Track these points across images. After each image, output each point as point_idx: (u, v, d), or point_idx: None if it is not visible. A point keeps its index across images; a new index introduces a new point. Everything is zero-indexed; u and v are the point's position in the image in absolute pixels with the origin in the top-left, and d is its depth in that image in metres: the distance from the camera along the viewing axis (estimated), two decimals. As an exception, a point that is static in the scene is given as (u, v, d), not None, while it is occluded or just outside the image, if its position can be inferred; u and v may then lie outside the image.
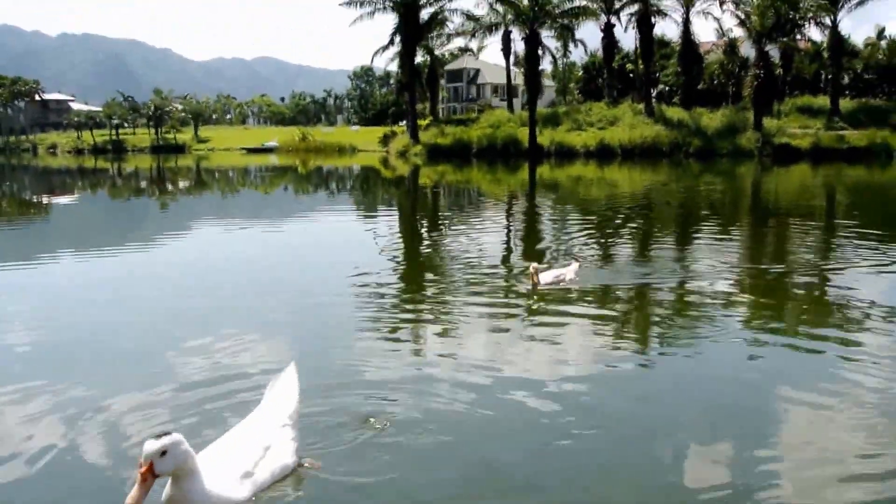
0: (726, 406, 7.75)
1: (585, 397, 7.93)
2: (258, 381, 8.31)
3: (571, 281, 10.94)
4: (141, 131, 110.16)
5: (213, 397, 7.90)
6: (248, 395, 7.70)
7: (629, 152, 51.27)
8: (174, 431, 5.15)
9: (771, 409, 7.79)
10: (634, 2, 57.66)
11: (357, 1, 56.77)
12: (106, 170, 68.03)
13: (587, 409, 7.64)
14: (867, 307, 11.75)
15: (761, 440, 7.00)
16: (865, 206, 27.94)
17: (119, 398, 7.98)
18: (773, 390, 8.26)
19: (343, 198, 35.67)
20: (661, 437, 6.98)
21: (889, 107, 53.64)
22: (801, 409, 7.60)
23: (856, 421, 7.34)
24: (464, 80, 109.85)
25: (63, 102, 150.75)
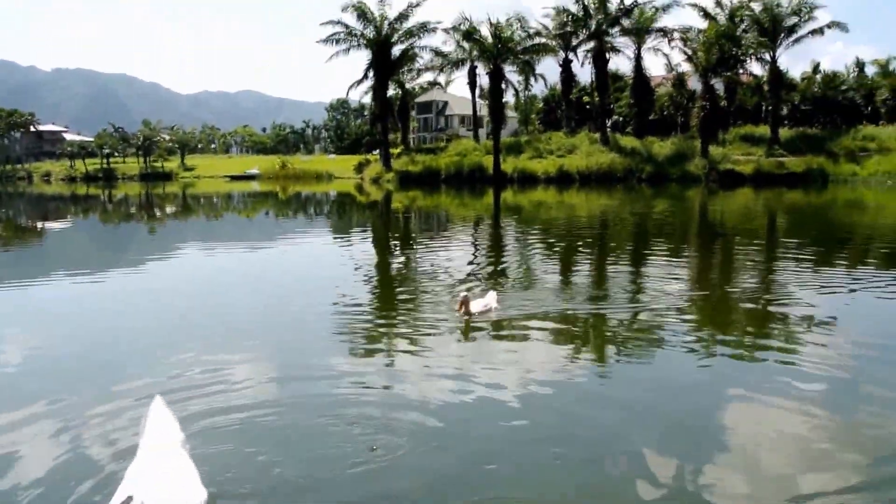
0: (677, 418, 7.70)
1: (547, 409, 7.86)
2: (242, 394, 8.28)
3: (496, 309, 9.58)
4: (130, 160, 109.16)
5: (195, 412, 7.77)
6: (231, 409, 7.62)
7: (586, 178, 51.51)
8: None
9: (718, 419, 7.72)
10: (590, 39, 58.09)
11: (333, 38, 56.91)
12: (97, 196, 67.38)
13: (550, 421, 7.52)
14: (806, 321, 11.82)
15: (709, 450, 6.93)
16: (803, 226, 28.20)
17: (104, 413, 7.76)
18: (721, 402, 8.23)
19: (321, 221, 35.50)
20: (614, 447, 6.88)
21: (824, 135, 54.32)
22: (747, 420, 7.56)
23: (798, 430, 7.31)
24: (433, 112, 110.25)
25: (57, 133, 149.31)
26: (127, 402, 8.12)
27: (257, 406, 8.00)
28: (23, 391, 8.78)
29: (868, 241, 23.17)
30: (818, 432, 7.18)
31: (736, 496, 5.93)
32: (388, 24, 57.18)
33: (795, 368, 9.16)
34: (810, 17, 52.81)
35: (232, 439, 6.86)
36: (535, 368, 9.22)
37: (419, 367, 9.43)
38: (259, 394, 8.52)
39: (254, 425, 7.36)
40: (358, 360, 9.83)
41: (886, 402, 7.97)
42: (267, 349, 10.66)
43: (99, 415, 7.82)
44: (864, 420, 7.55)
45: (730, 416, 7.78)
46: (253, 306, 13.63)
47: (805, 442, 6.99)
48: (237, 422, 7.35)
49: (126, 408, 7.93)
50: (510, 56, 56.08)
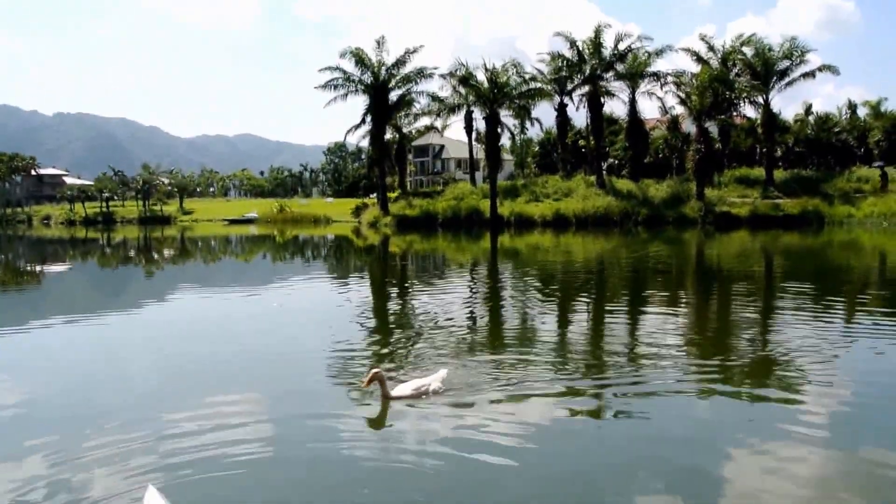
0: (677, 463, 7.65)
1: (543, 457, 7.84)
2: (235, 439, 8.15)
3: (436, 392, 7.63)
4: (129, 203, 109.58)
5: (188, 455, 7.67)
6: (222, 452, 7.48)
7: (583, 221, 51.58)
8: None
9: (720, 464, 7.67)
10: (585, 84, 58.62)
11: (332, 84, 57.32)
12: (96, 239, 67.52)
13: (545, 469, 7.48)
14: (806, 365, 11.75)
15: (710, 494, 6.89)
16: (801, 269, 28.15)
17: (99, 454, 7.77)
18: (723, 447, 8.15)
19: (318, 265, 35.39)
20: (618, 495, 6.79)
21: (818, 177, 54.64)
22: (749, 465, 7.50)
23: (802, 473, 7.19)
24: (430, 155, 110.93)
25: (57, 177, 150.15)
26: (120, 449, 8.10)
27: (250, 454, 7.92)
28: (12, 439, 8.75)
29: (866, 283, 23.14)
30: (822, 474, 7.22)
31: None
32: (386, 69, 57.68)
33: (797, 411, 9.18)
34: (802, 60, 53.46)
35: (226, 487, 6.78)
36: (531, 419, 9.16)
37: (412, 413, 9.35)
38: (253, 442, 8.44)
39: (247, 473, 7.24)
40: (352, 406, 9.77)
41: (891, 444, 7.96)
42: (262, 397, 10.61)
43: (89, 462, 7.79)
44: (868, 460, 7.55)
45: (732, 461, 7.78)
46: (249, 352, 13.60)
47: (809, 484, 6.98)
48: (230, 467, 7.25)
49: (118, 455, 7.88)
50: (506, 101, 56.49)
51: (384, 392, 7.51)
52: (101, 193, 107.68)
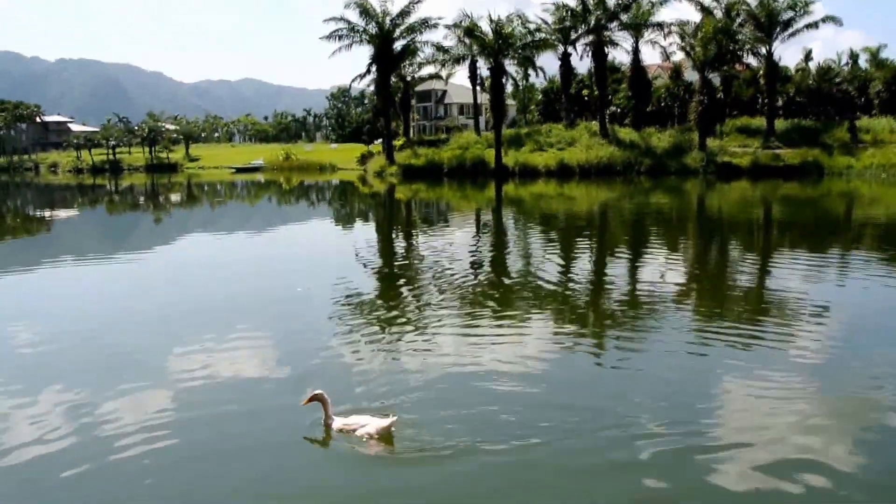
0: (676, 396, 8.20)
1: (553, 390, 8.46)
2: (248, 385, 8.85)
3: (371, 436, 6.93)
4: (136, 150, 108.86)
5: (199, 400, 8.33)
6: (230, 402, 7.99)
7: (586, 171, 51.61)
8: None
9: (714, 397, 8.38)
10: (589, 34, 57.99)
11: (336, 35, 56.63)
12: (104, 186, 67.74)
13: (556, 401, 8.09)
14: (799, 307, 12.50)
15: (706, 424, 7.45)
16: (799, 219, 28.54)
17: (110, 395, 8.44)
18: (717, 380, 8.76)
19: (327, 211, 35.74)
20: (620, 424, 7.38)
21: (818, 127, 54.37)
22: (740, 402, 8.14)
23: (793, 407, 7.87)
24: (432, 101, 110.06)
25: (62, 124, 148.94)
26: (134, 387, 8.79)
27: (263, 393, 8.57)
28: (25, 373, 9.34)
29: (860, 232, 23.56)
30: (813, 412, 7.78)
31: (734, 475, 6.42)
32: (391, 20, 56.94)
33: (789, 351, 9.92)
34: (806, 11, 52.74)
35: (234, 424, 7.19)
36: (533, 356, 9.82)
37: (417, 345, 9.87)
38: (265, 380, 9.11)
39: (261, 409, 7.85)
40: (354, 343, 10.32)
41: (876, 381, 8.63)
42: (272, 335, 11.32)
43: (95, 399, 8.40)
44: (855, 396, 8.21)
45: (727, 398, 8.47)
46: (256, 294, 14.14)
47: (799, 416, 7.56)
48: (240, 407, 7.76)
49: (130, 390, 8.63)
50: (510, 51, 55.93)
51: (326, 415, 7.24)
52: (108, 141, 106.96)
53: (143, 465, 6.72)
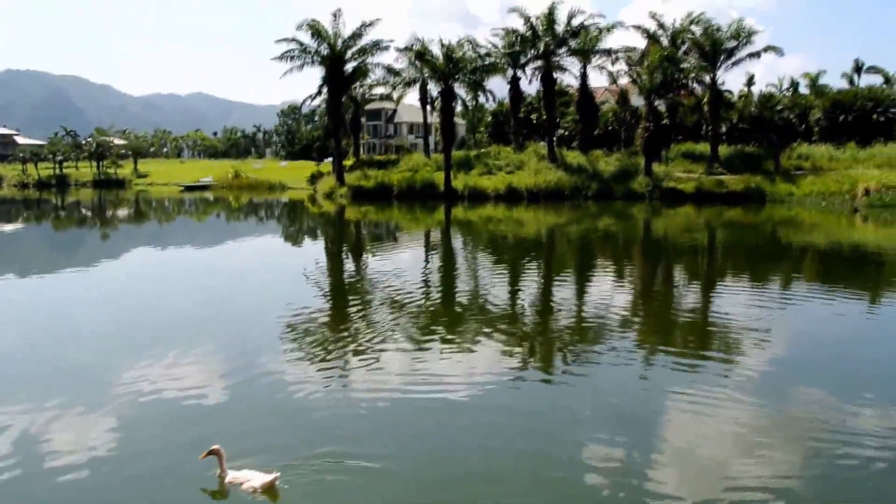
0: (621, 416, 8.23)
1: (504, 408, 8.41)
2: (186, 396, 8.93)
3: (255, 490, 6.92)
4: (83, 165, 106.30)
5: (144, 408, 8.46)
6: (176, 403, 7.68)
7: (535, 195, 51.72)
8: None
9: (661, 418, 8.50)
10: (538, 59, 58.39)
11: (288, 55, 56.18)
12: (50, 200, 66.60)
13: (503, 422, 8.16)
14: (742, 328, 12.73)
15: (649, 445, 7.60)
16: (742, 244, 28.93)
17: (49, 412, 8.40)
18: (663, 403, 8.92)
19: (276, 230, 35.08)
20: (565, 445, 7.55)
21: (760, 154, 55.29)
22: (687, 418, 8.36)
23: (735, 427, 8.10)
24: (382, 119, 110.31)
25: (8, 136, 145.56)
26: (77, 403, 8.78)
27: (206, 404, 8.71)
28: None
29: (800, 258, 24.02)
30: (753, 427, 8.05)
31: (675, 484, 6.65)
32: (342, 42, 56.79)
33: (732, 372, 10.13)
34: (749, 41, 53.74)
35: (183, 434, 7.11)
36: (482, 373, 9.90)
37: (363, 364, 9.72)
38: (206, 394, 9.12)
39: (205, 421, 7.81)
40: (295, 361, 10.22)
41: (813, 401, 9.06)
42: (214, 352, 11.36)
43: (49, 416, 8.36)
44: (794, 415, 8.52)
45: (671, 415, 8.60)
46: (203, 310, 13.90)
47: (741, 436, 7.78)
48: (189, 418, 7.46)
49: (76, 409, 8.59)
50: (461, 75, 56.03)
51: (221, 469, 7.10)
52: (55, 155, 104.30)
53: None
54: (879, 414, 8.46)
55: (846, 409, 8.61)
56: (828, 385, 9.61)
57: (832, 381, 9.79)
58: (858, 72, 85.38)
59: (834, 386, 9.54)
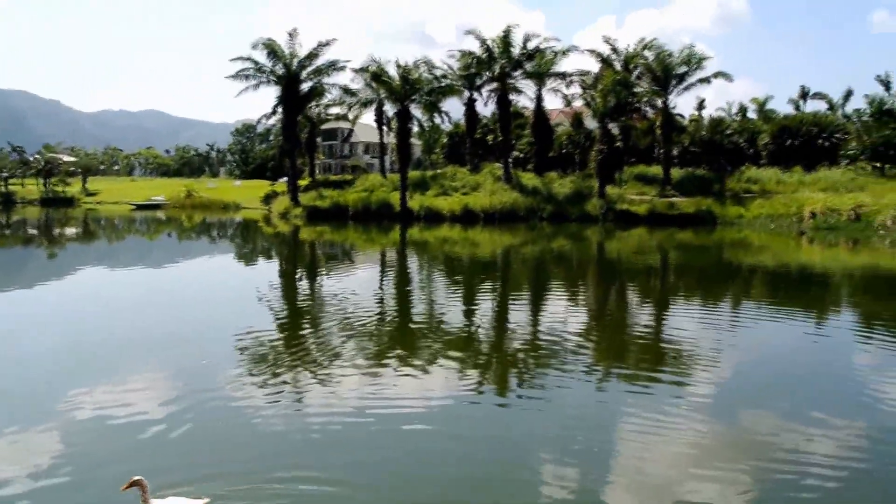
0: (576, 437, 8.33)
1: (455, 432, 8.46)
2: (129, 422, 8.75)
3: None
4: (30, 182, 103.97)
5: (81, 442, 8.15)
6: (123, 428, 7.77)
7: (490, 216, 52.04)
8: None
9: (614, 439, 8.48)
10: (494, 81, 58.97)
11: (243, 74, 55.96)
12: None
13: (458, 442, 8.28)
14: (693, 348, 12.98)
15: (604, 466, 7.69)
16: (693, 265, 29.40)
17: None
18: (616, 424, 8.99)
19: (230, 250, 34.76)
20: (520, 463, 7.67)
21: (711, 177, 56.43)
22: (637, 439, 8.35)
23: (685, 446, 8.29)
24: (338, 139, 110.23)
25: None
26: (21, 429, 8.54)
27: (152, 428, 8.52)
28: None
29: (750, 279, 24.51)
30: (705, 448, 8.23)
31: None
32: (298, 61, 56.81)
33: (685, 393, 10.26)
34: (699, 67, 54.95)
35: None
36: (437, 396, 9.92)
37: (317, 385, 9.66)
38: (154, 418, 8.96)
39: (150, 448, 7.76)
40: (246, 386, 10.09)
41: (764, 421, 9.24)
42: (162, 376, 11.11)
43: None
44: (745, 436, 8.71)
45: (625, 436, 8.70)
46: (148, 332, 13.77)
47: (693, 457, 7.93)
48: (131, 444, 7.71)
49: (19, 436, 8.31)
50: (417, 96, 56.35)
51: (145, 501, 6.70)
52: (0, 172, 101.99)
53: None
54: (828, 434, 8.65)
55: (796, 429, 8.79)
56: (778, 405, 9.80)
57: (782, 401, 9.99)
58: (804, 98, 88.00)
59: (784, 406, 9.75)
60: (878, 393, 10.62)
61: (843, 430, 8.77)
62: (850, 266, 28.79)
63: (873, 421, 9.14)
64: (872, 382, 11.28)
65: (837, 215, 42.56)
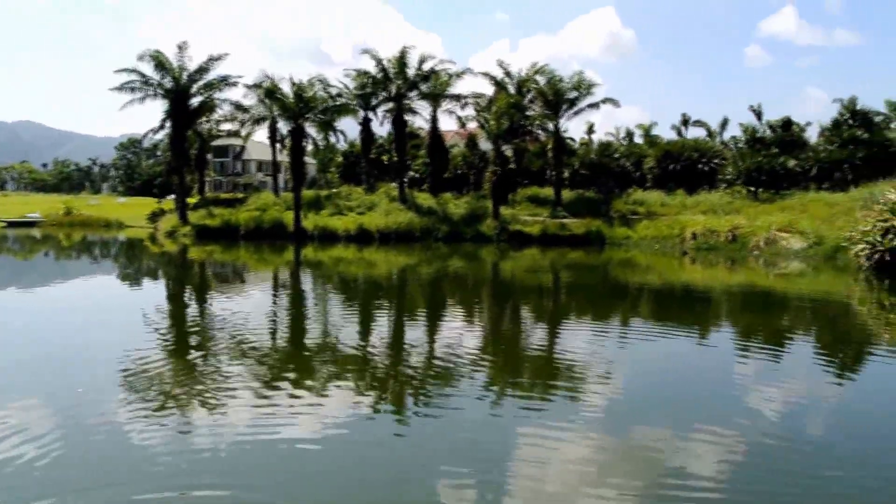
0: (473, 455, 8.55)
1: (350, 454, 8.53)
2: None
3: None
4: None
5: None
6: None
7: (386, 236, 52.19)
8: None
9: (510, 453, 8.73)
10: (389, 100, 59.38)
11: (128, 87, 54.38)
12: None
13: (354, 463, 8.23)
14: (582, 367, 13.49)
15: (501, 483, 7.83)
16: (584, 284, 30.35)
17: None
18: (512, 438, 9.25)
19: (113, 270, 33.62)
20: (417, 483, 7.72)
21: (600, 199, 58.32)
22: (532, 455, 8.65)
23: (580, 458, 8.61)
24: (230, 156, 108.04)
25: None
26: None
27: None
28: None
29: (638, 297, 25.52)
30: (597, 463, 8.53)
31: None
32: (188, 75, 55.63)
33: (578, 409, 10.65)
34: (589, 92, 56.97)
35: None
36: (333, 417, 9.94)
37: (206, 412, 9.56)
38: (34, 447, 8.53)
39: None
40: (130, 412, 9.88)
41: (652, 435, 9.61)
42: (40, 402, 10.62)
43: None
44: (634, 450, 9.05)
45: (521, 453, 8.93)
46: (27, 355, 13.13)
47: (586, 472, 8.23)
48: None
49: None
50: (312, 115, 56.16)
51: None
52: None
53: None
54: (713, 442, 9.00)
55: (684, 438, 9.18)
56: (666, 417, 10.23)
57: (670, 413, 10.44)
58: (686, 125, 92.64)
59: (671, 417, 10.19)
60: (757, 402, 11.29)
61: (728, 438, 9.24)
62: (728, 284, 30.35)
63: (754, 429, 9.68)
64: (752, 392, 11.98)
65: (716, 236, 44.71)
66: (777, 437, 9.42)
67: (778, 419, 10.48)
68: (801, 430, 10.03)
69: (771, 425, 10.06)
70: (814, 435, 9.82)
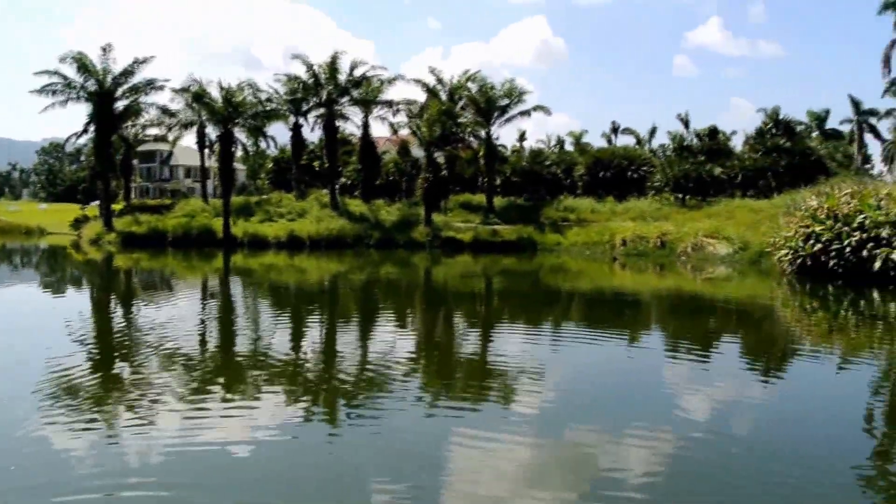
0: (408, 461, 8.46)
1: (283, 464, 8.40)
2: None
3: None
4: None
5: None
6: None
7: (317, 243, 51.72)
8: None
9: (445, 457, 8.77)
10: (320, 106, 58.96)
11: (49, 89, 52.68)
12: None
13: (287, 472, 8.00)
14: (518, 370, 13.60)
15: (436, 487, 7.75)
16: (515, 290, 30.63)
17: None
18: (448, 443, 9.18)
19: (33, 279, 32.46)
20: (351, 491, 7.55)
21: (531, 206, 58.91)
22: (468, 458, 8.66)
23: (515, 459, 8.63)
24: (157, 161, 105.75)
25: None
26: None
27: None
28: None
29: (569, 302, 25.85)
30: (532, 465, 8.54)
31: None
32: (112, 78, 54.16)
33: (512, 412, 10.72)
34: (520, 100, 57.57)
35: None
36: (265, 427, 9.81)
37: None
38: None
39: None
40: (61, 420, 9.57)
41: (586, 436, 9.69)
42: None
43: None
44: (569, 451, 9.12)
45: (457, 456, 8.94)
46: None
47: (521, 472, 8.28)
48: None
49: None
50: (241, 120, 55.37)
51: None
52: None
53: None
54: (645, 444, 9.16)
55: (616, 441, 9.26)
56: (598, 419, 10.30)
57: (602, 416, 10.51)
58: (615, 132, 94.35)
59: (603, 420, 10.27)
60: (686, 403, 11.49)
61: (658, 440, 9.37)
62: (657, 289, 30.93)
63: (683, 429, 9.84)
64: (681, 393, 12.17)
65: (645, 243, 45.51)
66: (708, 436, 9.58)
67: (708, 419, 10.67)
68: (729, 429, 10.23)
69: (701, 425, 10.22)
70: (742, 434, 10.00)
